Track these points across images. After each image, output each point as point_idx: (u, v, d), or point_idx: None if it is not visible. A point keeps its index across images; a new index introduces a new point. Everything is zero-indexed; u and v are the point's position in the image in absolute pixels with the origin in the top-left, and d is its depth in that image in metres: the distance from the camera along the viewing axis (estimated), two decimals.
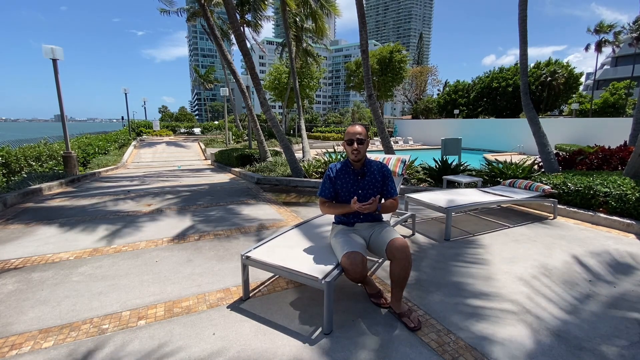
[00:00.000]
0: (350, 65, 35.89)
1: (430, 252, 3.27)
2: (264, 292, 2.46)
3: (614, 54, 35.24)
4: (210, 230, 3.93)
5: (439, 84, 46.87)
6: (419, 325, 2.02)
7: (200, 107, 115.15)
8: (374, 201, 2.14)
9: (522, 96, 6.57)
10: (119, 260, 3.06)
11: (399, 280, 2.07)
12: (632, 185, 4.13)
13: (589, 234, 3.79)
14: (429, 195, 4.24)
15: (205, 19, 10.65)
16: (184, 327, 2.05)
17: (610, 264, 2.98)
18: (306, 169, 7.48)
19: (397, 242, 2.07)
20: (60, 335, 1.97)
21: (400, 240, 2.09)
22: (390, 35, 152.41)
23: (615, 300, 2.37)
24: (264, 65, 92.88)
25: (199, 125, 33.44)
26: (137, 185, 7.52)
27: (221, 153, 11.97)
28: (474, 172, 6.73)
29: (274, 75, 28.93)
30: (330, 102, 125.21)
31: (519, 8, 6.24)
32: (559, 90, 32.23)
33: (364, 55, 7.43)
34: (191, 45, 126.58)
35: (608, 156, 6.19)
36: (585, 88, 45.81)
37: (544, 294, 2.44)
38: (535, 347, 1.86)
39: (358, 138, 2.26)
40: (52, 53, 7.78)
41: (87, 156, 11.67)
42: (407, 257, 2.03)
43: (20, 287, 2.58)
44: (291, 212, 4.81)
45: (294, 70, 14.23)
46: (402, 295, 2.14)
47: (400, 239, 2.10)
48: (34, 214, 4.78)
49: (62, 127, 8.47)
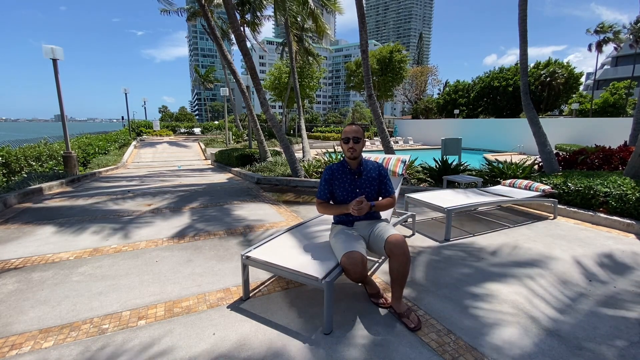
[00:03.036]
0: (350, 65, 35.90)
1: (430, 252, 3.27)
2: (264, 292, 2.46)
3: (616, 52, 35.22)
4: (210, 230, 3.93)
5: (439, 84, 46.87)
6: (419, 325, 2.02)
7: (200, 107, 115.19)
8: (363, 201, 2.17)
9: (522, 96, 6.57)
10: (119, 260, 3.06)
11: (399, 278, 2.08)
12: (632, 185, 4.13)
13: (589, 234, 3.79)
14: (429, 195, 4.24)
15: (205, 19, 10.64)
16: (184, 327, 2.05)
17: (610, 264, 2.98)
18: (306, 168, 7.48)
19: (395, 238, 2.10)
20: (61, 335, 1.97)
21: (398, 236, 2.12)
22: (390, 35, 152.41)
23: (615, 300, 2.37)
24: (264, 65, 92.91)
25: (199, 125, 33.43)
26: (137, 185, 7.53)
27: (221, 153, 11.98)
28: (474, 172, 6.73)
29: (275, 75, 28.93)
30: (330, 102, 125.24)
31: (519, 8, 6.24)
32: (559, 90, 32.24)
33: (364, 55, 7.43)
34: (191, 45, 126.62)
35: (608, 156, 6.19)
36: (586, 88, 45.78)
37: (544, 294, 2.44)
38: (535, 347, 1.86)
39: (354, 137, 2.33)
40: (52, 53, 7.79)
41: (87, 156, 11.69)
42: (404, 253, 2.06)
43: (20, 287, 2.58)
44: (291, 212, 4.81)
45: (294, 69, 14.23)
46: (402, 293, 2.15)
47: (397, 235, 2.14)
48: (34, 213, 4.78)
49: (62, 127, 8.47)
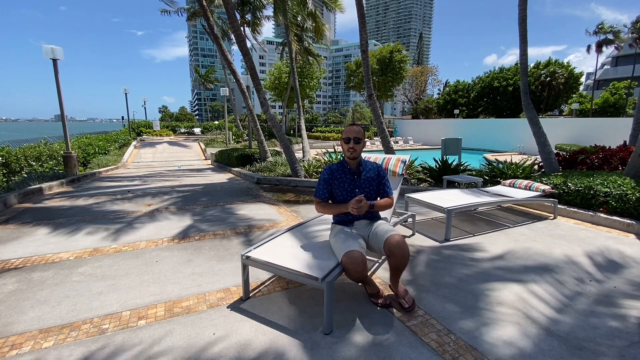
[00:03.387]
0: (350, 65, 35.90)
1: (430, 252, 3.27)
2: (264, 292, 2.46)
3: (616, 52, 35.19)
4: (210, 230, 3.93)
5: (439, 84, 46.89)
6: (413, 306, 2.20)
7: (200, 107, 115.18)
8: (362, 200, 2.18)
9: (522, 96, 6.58)
10: (119, 260, 3.06)
11: (398, 270, 2.21)
12: (632, 185, 4.13)
13: (589, 234, 3.79)
14: (429, 195, 4.24)
15: (205, 19, 10.64)
16: (184, 327, 2.05)
17: (610, 264, 2.98)
18: (306, 168, 7.48)
19: (395, 239, 2.12)
20: (61, 335, 1.97)
21: (398, 236, 2.14)
22: (390, 35, 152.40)
23: (615, 300, 2.37)
24: (264, 65, 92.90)
25: (199, 125, 33.44)
26: (137, 185, 7.53)
27: (221, 153, 11.98)
28: (474, 172, 6.73)
29: (275, 75, 28.93)
30: (330, 102, 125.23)
31: (518, 8, 6.24)
32: (559, 90, 32.25)
33: (364, 55, 7.43)
34: (191, 45, 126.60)
35: (608, 156, 6.19)
36: (586, 88, 45.77)
37: (544, 294, 2.44)
38: (535, 347, 1.86)
39: (355, 137, 2.33)
40: (53, 53, 7.78)
41: (87, 156, 11.68)
42: (404, 254, 2.10)
43: (20, 287, 2.58)
44: (291, 212, 4.81)
45: (294, 69, 14.23)
46: (399, 278, 2.26)
47: (397, 235, 2.15)
48: (34, 213, 4.78)
49: (62, 127, 8.47)
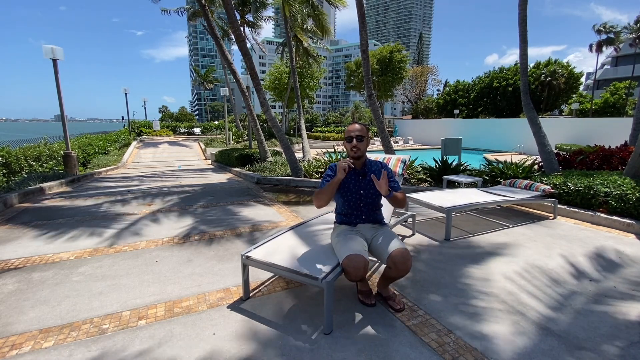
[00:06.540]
0: (350, 65, 35.90)
1: (430, 252, 3.27)
2: (264, 292, 2.46)
3: (616, 52, 35.19)
4: (210, 230, 3.93)
5: (439, 84, 46.92)
6: (403, 307, 2.22)
7: (200, 107, 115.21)
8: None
9: (522, 96, 6.57)
10: (119, 260, 3.06)
11: (394, 279, 2.25)
12: (632, 185, 4.13)
13: (589, 234, 3.79)
14: (429, 195, 4.24)
15: (205, 19, 10.66)
16: (184, 327, 2.05)
17: (610, 264, 2.98)
18: (306, 169, 7.48)
19: (401, 254, 2.05)
20: (61, 335, 1.97)
21: (404, 252, 2.07)
22: (390, 35, 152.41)
23: (616, 300, 2.37)
24: (264, 65, 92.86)
25: (199, 125, 33.44)
26: (137, 185, 7.53)
27: (221, 153, 11.98)
28: (474, 172, 6.73)
29: (274, 75, 28.93)
30: (330, 102, 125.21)
31: (518, 8, 6.24)
32: (559, 90, 32.23)
33: (364, 55, 7.43)
34: (191, 45, 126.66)
35: (608, 156, 6.19)
36: (586, 88, 45.77)
37: (544, 294, 2.44)
38: (535, 347, 1.86)
39: (357, 135, 2.26)
40: (53, 53, 7.79)
41: (88, 156, 11.68)
42: (407, 268, 2.07)
43: (20, 287, 2.58)
44: (291, 212, 4.81)
45: (294, 69, 14.23)
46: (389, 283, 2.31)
47: (402, 250, 2.08)
48: (34, 213, 4.78)
49: (62, 127, 8.48)
